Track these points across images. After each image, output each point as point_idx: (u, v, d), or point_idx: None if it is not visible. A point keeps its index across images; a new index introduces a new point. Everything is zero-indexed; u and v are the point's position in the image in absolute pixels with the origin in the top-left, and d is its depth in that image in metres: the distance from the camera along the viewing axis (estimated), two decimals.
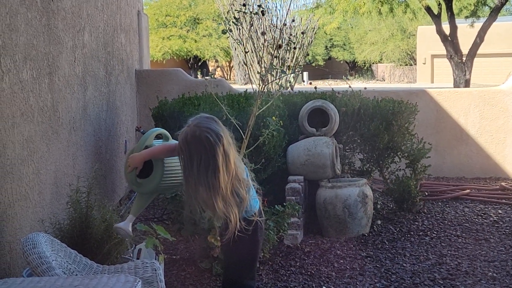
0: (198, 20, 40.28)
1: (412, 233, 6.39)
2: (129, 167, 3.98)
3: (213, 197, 3.28)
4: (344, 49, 46.99)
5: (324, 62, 46.21)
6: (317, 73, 42.42)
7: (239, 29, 6.13)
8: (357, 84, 34.23)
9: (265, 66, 5.85)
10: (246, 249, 3.57)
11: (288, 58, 21.09)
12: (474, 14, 16.29)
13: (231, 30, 5.78)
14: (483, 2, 15.99)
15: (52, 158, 4.88)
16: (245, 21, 7.62)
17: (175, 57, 39.66)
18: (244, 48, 6.08)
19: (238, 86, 30.76)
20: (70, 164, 5.38)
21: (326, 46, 47.06)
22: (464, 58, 14.88)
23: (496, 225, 6.68)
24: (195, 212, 3.48)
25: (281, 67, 7.18)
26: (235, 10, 6.15)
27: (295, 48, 19.78)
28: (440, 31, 15.05)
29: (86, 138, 5.88)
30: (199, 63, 43.16)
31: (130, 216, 4.19)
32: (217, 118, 3.43)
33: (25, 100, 4.34)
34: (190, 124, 3.36)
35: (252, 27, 17.72)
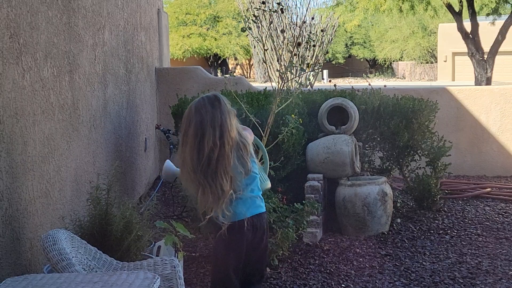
0: (218, 18, 40.35)
1: (432, 231, 6.36)
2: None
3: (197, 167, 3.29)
4: (364, 47, 46.79)
5: (344, 60, 46.12)
6: (337, 71, 42.36)
7: (259, 27, 6.12)
8: (377, 82, 34.04)
9: (285, 64, 5.84)
10: (219, 251, 3.55)
11: (308, 56, 21.07)
12: (495, 11, 16.15)
13: (250, 28, 5.78)
14: None
15: (73, 155, 4.92)
16: (265, 19, 7.60)
17: (195, 55, 39.77)
18: (264, 46, 6.09)
19: (258, 84, 30.77)
20: (90, 162, 5.41)
21: (346, 44, 46.92)
22: (485, 56, 14.76)
23: None
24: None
25: (300, 65, 7.17)
26: (255, 8, 6.14)
27: (314, 46, 19.78)
28: (461, 29, 14.94)
29: (106, 136, 5.91)
30: (219, 61, 43.22)
31: None
32: (223, 98, 3.42)
33: (45, 98, 4.37)
34: (194, 101, 3.43)
35: (271, 25, 17.72)
